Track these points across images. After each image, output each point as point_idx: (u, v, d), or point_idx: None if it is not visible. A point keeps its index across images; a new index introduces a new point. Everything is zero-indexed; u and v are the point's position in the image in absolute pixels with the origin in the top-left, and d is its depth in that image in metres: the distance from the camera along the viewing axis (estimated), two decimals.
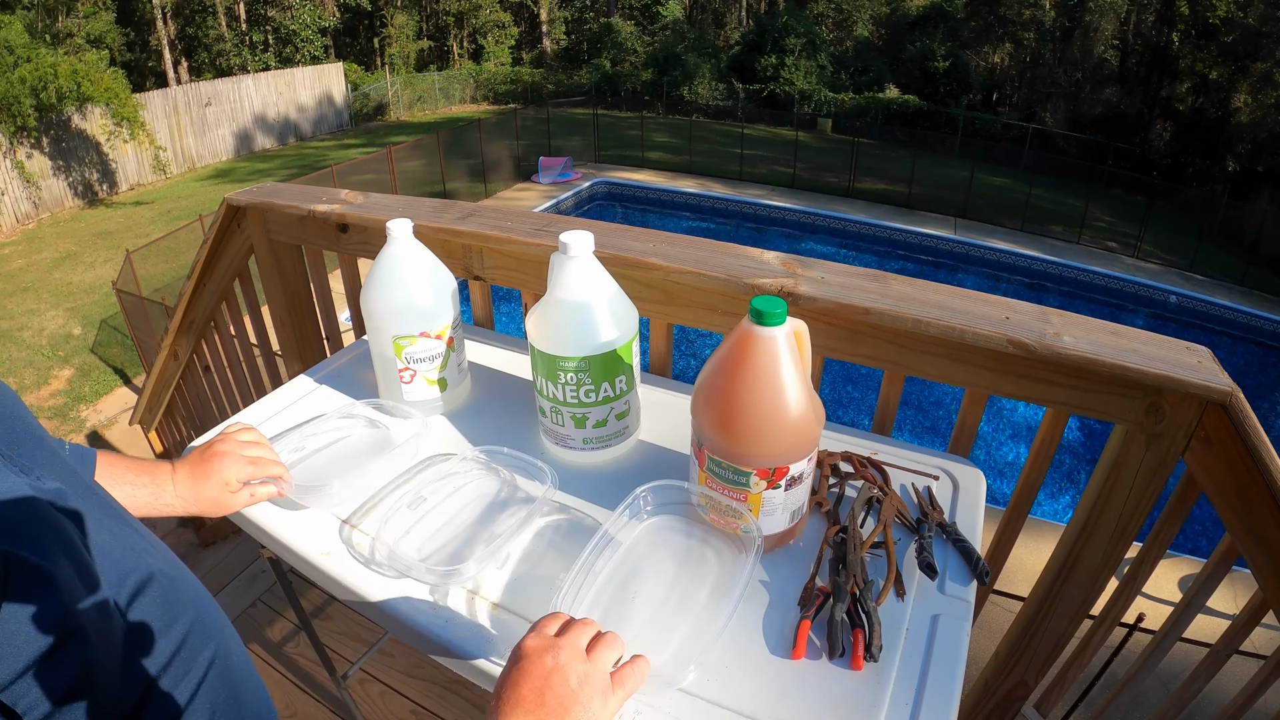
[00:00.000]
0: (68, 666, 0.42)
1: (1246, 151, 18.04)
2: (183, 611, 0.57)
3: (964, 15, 23.71)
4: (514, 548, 0.87)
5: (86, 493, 0.55)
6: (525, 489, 0.96)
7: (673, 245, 1.19)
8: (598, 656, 0.59)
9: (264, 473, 0.89)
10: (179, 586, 0.58)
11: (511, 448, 0.99)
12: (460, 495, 0.95)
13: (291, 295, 1.72)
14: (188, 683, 0.55)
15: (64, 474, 0.53)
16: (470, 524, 0.90)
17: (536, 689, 0.55)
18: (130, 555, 0.55)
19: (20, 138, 13.16)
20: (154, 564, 0.56)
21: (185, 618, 0.57)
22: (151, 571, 0.55)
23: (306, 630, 1.32)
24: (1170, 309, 11.03)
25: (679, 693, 0.69)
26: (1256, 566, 0.96)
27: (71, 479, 0.54)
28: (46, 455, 0.53)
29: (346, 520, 0.91)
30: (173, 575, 0.59)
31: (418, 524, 0.90)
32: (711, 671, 0.71)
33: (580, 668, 0.58)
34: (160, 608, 0.54)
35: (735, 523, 0.83)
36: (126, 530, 0.57)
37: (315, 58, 23.87)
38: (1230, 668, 1.10)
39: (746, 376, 0.76)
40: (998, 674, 1.19)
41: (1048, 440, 1.09)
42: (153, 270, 9.26)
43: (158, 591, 0.55)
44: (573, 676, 0.57)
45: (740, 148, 16.39)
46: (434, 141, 13.79)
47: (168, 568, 0.59)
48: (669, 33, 26.05)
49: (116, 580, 0.51)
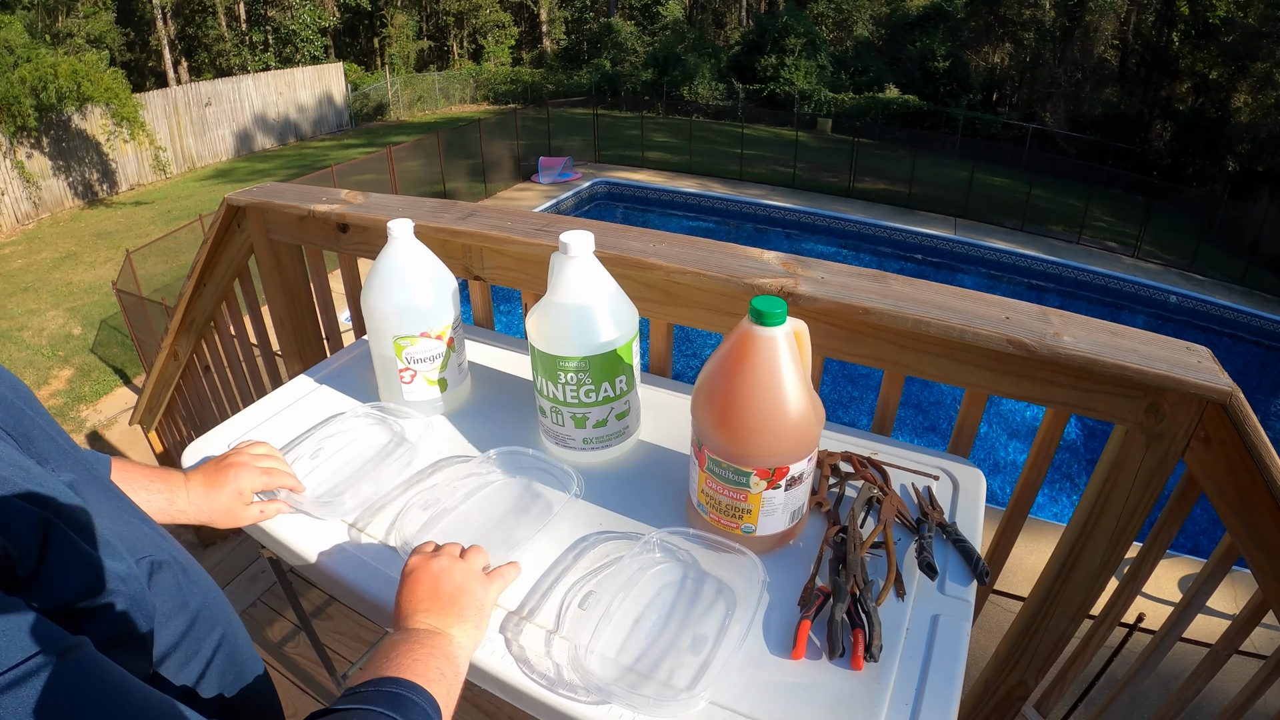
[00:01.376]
0: (111, 612, 0.46)
1: (1246, 151, 18.04)
2: (193, 595, 0.59)
3: (964, 15, 23.70)
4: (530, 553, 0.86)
5: (100, 486, 0.56)
6: (545, 494, 0.95)
7: (673, 245, 1.19)
8: (470, 559, 0.73)
9: (278, 483, 0.90)
10: (190, 573, 0.60)
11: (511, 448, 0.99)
12: (480, 497, 0.94)
13: (291, 295, 1.72)
14: (198, 660, 0.57)
15: (77, 468, 0.54)
16: (488, 527, 0.90)
17: (430, 590, 0.68)
18: (145, 542, 0.57)
19: (20, 138, 13.16)
20: (167, 552, 0.58)
21: (195, 601, 0.59)
22: (165, 557, 0.57)
23: (306, 630, 1.32)
24: (1170, 309, 11.03)
25: None
26: (1256, 566, 0.96)
27: (84, 473, 0.55)
28: (60, 450, 0.54)
29: (364, 530, 0.91)
30: (184, 563, 0.61)
31: (437, 528, 0.89)
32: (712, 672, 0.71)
33: (460, 567, 0.71)
34: (173, 589, 0.57)
35: (735, 523, 0.83)
36: (140, 523, 0.59)
37: (315, 58, 23.86)
38: (1230, 668, 1.10)
39: (746, 376, 0.76)
40: (998, 674, 1.19)
41: (1048, 440, 1.09)
42: (153, 270, 9.25)
43: (171, 574, 0.57)
44: (456, 574, 0.70)
45: (740, 148, 16.38)
46: (434, 141, 13.78)
47: (180, 556, 0.60)
48: (669, 33, 26.04)
49: (134, 560, 0.53)
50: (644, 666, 0.71)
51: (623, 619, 0.76)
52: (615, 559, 0.84)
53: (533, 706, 0.71)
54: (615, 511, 0.92)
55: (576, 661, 0.70)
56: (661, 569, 0.83)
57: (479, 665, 0.73)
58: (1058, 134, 21.52)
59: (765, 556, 0.84)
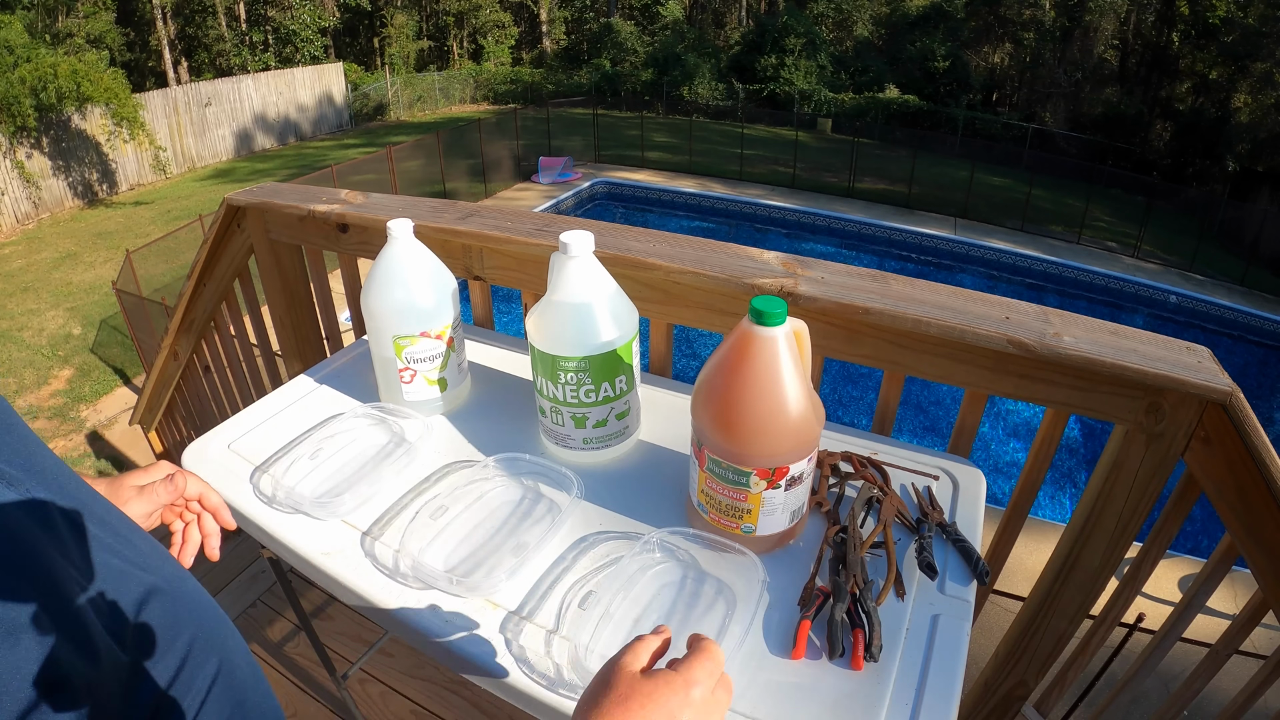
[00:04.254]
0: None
1: (1246, 151, 18.04)
2: (185, 626, 0.55)
3: (964, 15, 23.71)
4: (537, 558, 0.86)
5: (77, 504, 0.53)
6: (548, 497, 0.95)
7: (673, 245, 1.19)
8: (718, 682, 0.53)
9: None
10: (180, 599, 0.57)
11: (512, 448, 0.99)
12: (484, 503, 0.94)
13: (291, 295, 1.72)
14: (192, 699, 0.53)
15: (52, 483, 0.51)
16: (495, 533, 0.89)
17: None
18: (128, 571, 0.53)
19: (20, 138, 13.15)
20: (153, 578, 0.55)
21: (187, 632, 0.55)
22: (151, 586, 0.53)
23: (306, 630, 1.32)
24: (1170, 309, 11.03)
25: None
26: (1256, 566, 0.96)
27: (59, 488, 0.52)
28: (34, 462, 0.51)
29: (367, 532, 0.90)
30: (174, 588, 0.57)
31: (440, 534, 0.89)
32: None
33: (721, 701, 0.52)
34: (161, 624, 0.53)
35: (735, 523, 0.83)
36: (121, 543, 0.55)
37: (315, 58, 23.87)
38: (1230, 668, 1.10)
39: (746, 376, 0.76)
40: (998, 674, 1.19)
41: (1048, 440, 1.09)
42: (153, 270, 9.25)
43: (159, 606, 0.53)
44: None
45: (740, 148, 16.39)
46: (434, 141, 13.78)
47: (168, 579, 0.57)
48: (669, 33, 26.05)
49: (113, 600, 0.49)
50: None
51: (623, 619, 0.76)
52: (615, 559, 0.84)
53: (533, 706, 0.71)
54: (615, 511, 0.92)
55: (576, 661, 0.70)
56: (661, 569, 0.83)
57: (479, 665, 0.73)
58: (1058, 134, 21.52)
59: (765, 556, 0.84)
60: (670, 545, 0.85)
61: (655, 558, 0.83)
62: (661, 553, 0.84)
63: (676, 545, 0.85)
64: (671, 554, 0.84)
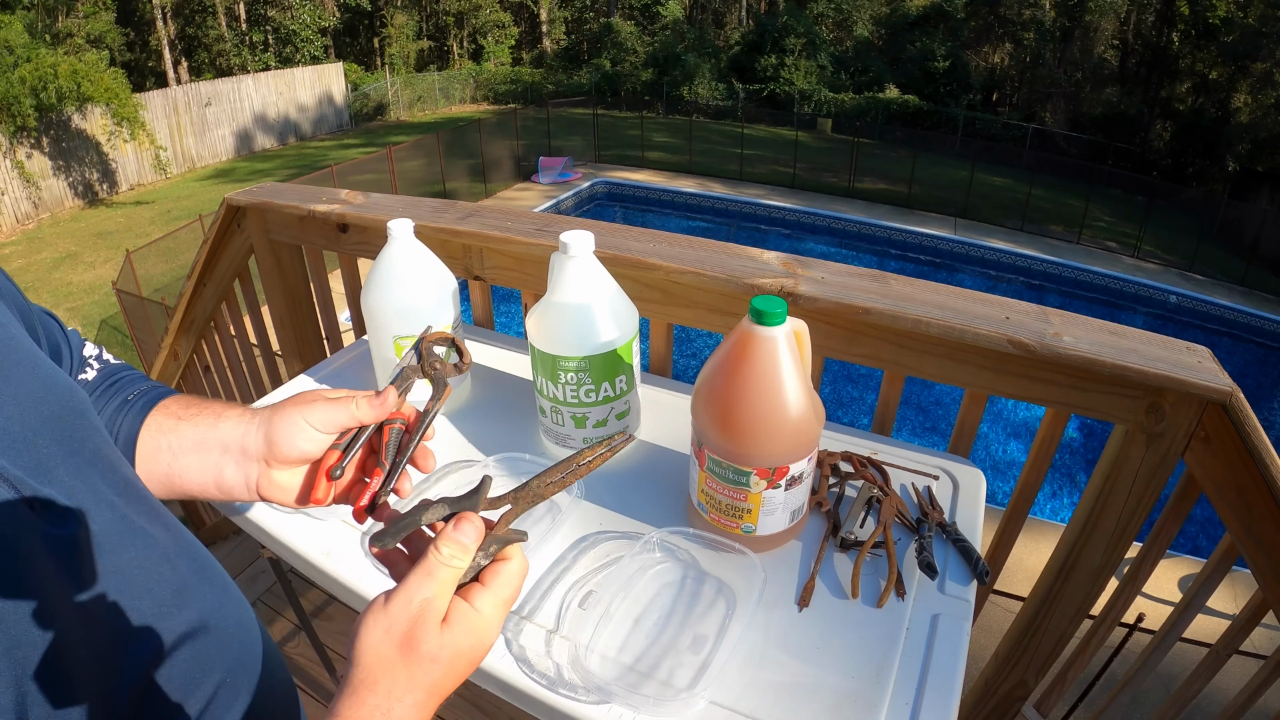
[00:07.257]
0: None
1: (1246, 151, 18.05)
2: (216, 666, 0.51)
3: (964, 15, 23.71)
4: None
5: (123, 516, 0.48)
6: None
7: (673, 245, 1.19)
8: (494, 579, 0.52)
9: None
10: (219, 634, 0.53)
11: (512, 448, 0.99)
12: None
13: (291, 295, 1.72)
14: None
15: (100, 489, 0.46)
16: None
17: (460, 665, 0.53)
18: (171, 602, 0.48)
19: (20, 138, 13.16)
20: (193, 615, 0.50)
21: (217, 673, 0.52)
22: (186, 630, 0.49)
23: (306, 630, 1.32)
24: (1170, 309, 11.03)
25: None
26: (1256, 566, 0.96)
27: (103, 496, 0.47)
28: (83, 467, 0.46)
29: (367, 532, 0.91)
30: (216, 621, 0.53)
31: None
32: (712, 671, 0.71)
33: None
34: (188, 669, 0.49)
35: (735, 523, 0.83)
36: (167, 568, 0.50)
37: (315, 58, 23.87)
38: (1230, 668, 1.10)
39: (746, 376, 0.76)
40: (998, 674, 1.19)
41: (1048, 440, 1.08)
42: (153, 270, 9.26)
43: (188, 651, 0.49)
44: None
45: (740, 148, 16.39)
46: (434, 141, 13.79)
47: (213, 610, 0.53)
48: (669, 33, 26.04)
49: (135, 641, 0.46)
50: (644, 666, 0.71)
51: (623, 618, 0.76)
52: (615, 559, 0.84)
53: (533, 706, 0.71)
54: (615, 511, 0.92)
55: (576, 661, 0.70)
56: (661, 569, 0.83)
57: (479, 665, 0.73)
58: (1058, 134, 21.53)
59: (765, 556, 0.84)
60: (670, 545, 0.85)
61: (655, 557, 0.84)
62: (661, 552, 0.84)
63: (676, 545, 0.85)
64: (671, 554, 0.84)
